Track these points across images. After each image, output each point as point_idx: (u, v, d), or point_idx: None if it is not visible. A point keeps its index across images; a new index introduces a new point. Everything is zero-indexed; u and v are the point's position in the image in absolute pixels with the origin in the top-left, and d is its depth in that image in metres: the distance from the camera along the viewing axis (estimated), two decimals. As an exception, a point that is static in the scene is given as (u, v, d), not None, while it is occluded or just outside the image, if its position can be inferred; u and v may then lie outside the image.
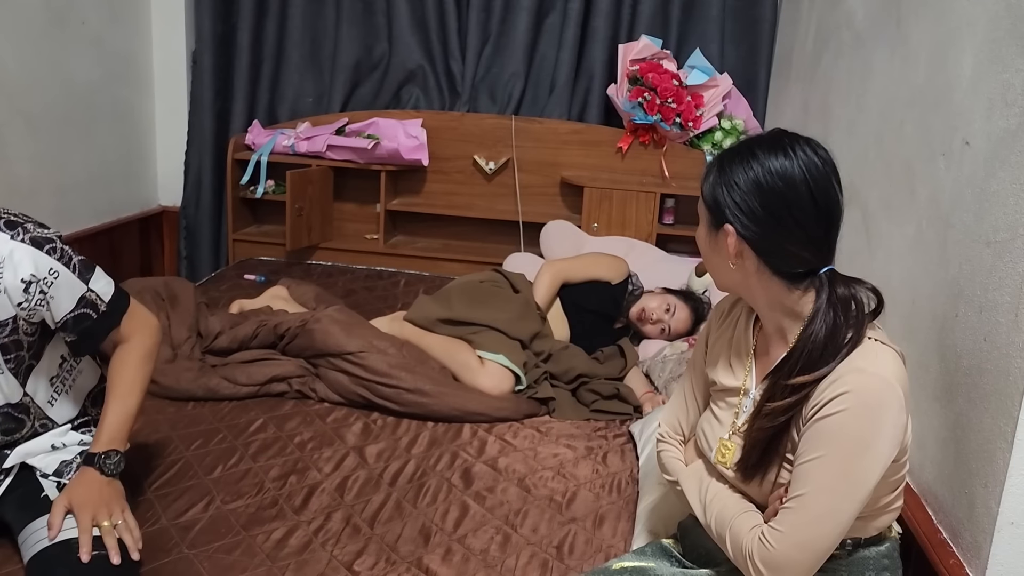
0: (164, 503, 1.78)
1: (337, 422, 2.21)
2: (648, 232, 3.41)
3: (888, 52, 1.98)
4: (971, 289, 1.41)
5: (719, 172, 1.22)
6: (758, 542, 1.17)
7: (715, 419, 1.36)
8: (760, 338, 1.33)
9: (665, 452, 1.45)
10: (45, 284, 1.41)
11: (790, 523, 1.15)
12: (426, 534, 1.74)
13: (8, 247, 1.37)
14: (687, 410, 1.45)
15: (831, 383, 1.14)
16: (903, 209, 1.77)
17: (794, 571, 1.15)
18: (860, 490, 1.13)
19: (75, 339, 1.52)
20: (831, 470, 1.13)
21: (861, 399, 1.12)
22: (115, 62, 3.41)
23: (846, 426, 1.12)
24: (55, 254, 1.43)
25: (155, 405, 2.20)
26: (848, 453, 1.13)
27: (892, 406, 1.13)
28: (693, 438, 1.44)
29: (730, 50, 3.52)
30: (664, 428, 1.47)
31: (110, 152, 3.44)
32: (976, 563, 1.33)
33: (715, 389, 1.39)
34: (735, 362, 1.35)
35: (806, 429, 1.17)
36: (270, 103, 3.74)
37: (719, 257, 1.26)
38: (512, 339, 2.47)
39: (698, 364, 1.44)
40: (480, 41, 3.59)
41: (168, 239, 3.83)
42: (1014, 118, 1.32)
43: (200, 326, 2.52)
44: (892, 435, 1.13)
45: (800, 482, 1.16)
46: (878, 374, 1.14)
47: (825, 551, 1.16)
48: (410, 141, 3.47)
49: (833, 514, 1.14)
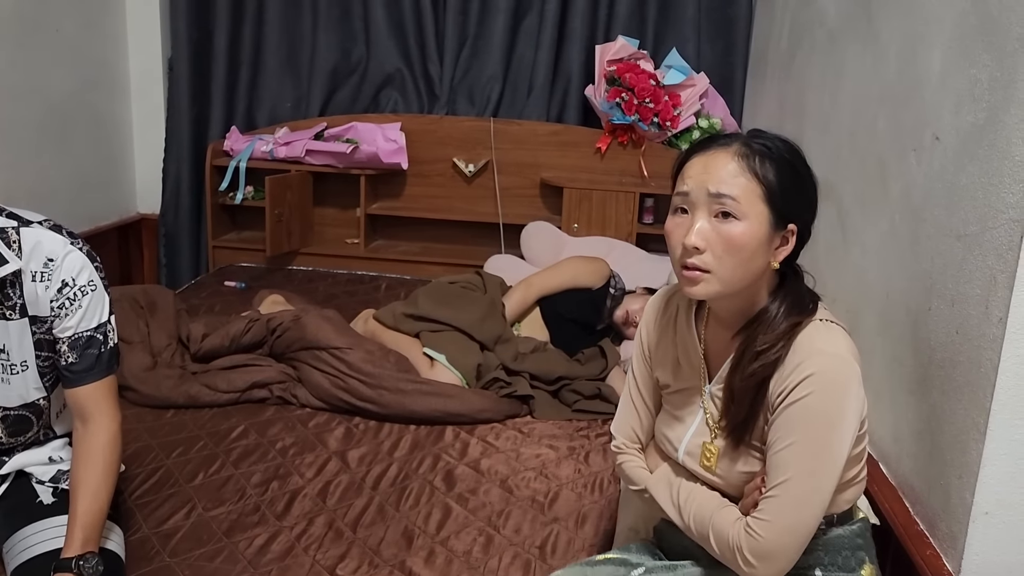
0: (145, 511, 1.77)
1: (319, 427, 2.20)
2: (628, 231, 3.43)
3: (860, 49, 2.01)
4: (943, 282, 1.43)
5: (785, 170, 1.19)
6: (745, 534, 1.19)
7: (675, 420, 1.36)
8: (709, 332, 1.33)
9: (627, 463, 1.43)
10: (81, 292, 1.44)
11: (775, 510, 1.17)
12: (409, 537, 1.74)
13: (66, 250, 1.43)
14: (639, 417, 1.43)
15: (795, 367, 1.17)
16: (877, 204, 1.79)
17: (784, 556, 1.18)
18: (835, 467, 1.17)
19: (75, 362, 1.46)
20: (808, 453, 1.16)
21: (826, 380, 1.16)
22: (91, 69, 3.39)
23: (815, 408, 1.16)
24: (100, 272, 1.49)
25: (135, 414, 2.19)
26: (821, 434, 1.16)
27: (853, 382, 1.18)
28: (651, 443, 1.43)
29: (706, 49, 3.54)
30: (620, 440, 1.45)
31: (87, 160, 3.42)
32: (952, 553, 1.34)
33: (668, 391, 1.38)
34: (684, 362, 1.35)
35: (776, 417, 1.19)
36: (248, 109, 3.72)
37: (762, 256, 1.20)
38: (474, 340, 2.48)
39: (641, 369, 1.42)
40: (458, 44, 3.60)
41: (147, 247, 3.81)
42: (981, 113, 1.34)
43: (181, 333, 2.51)
44: (856, 409, 1.18)
45: (779, 469, 1.18)
46: (837, 354, 1.18)
47: (809, 533, 1.19)
48: (389, 145, 3.47)
49: (815, 495, 1.17)
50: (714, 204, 1.18)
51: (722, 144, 1.21)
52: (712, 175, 1.18)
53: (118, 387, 1.54)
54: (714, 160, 1.19)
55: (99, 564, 1.40)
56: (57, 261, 1.42)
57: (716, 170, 1.18)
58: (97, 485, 1.44)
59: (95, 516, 1.43)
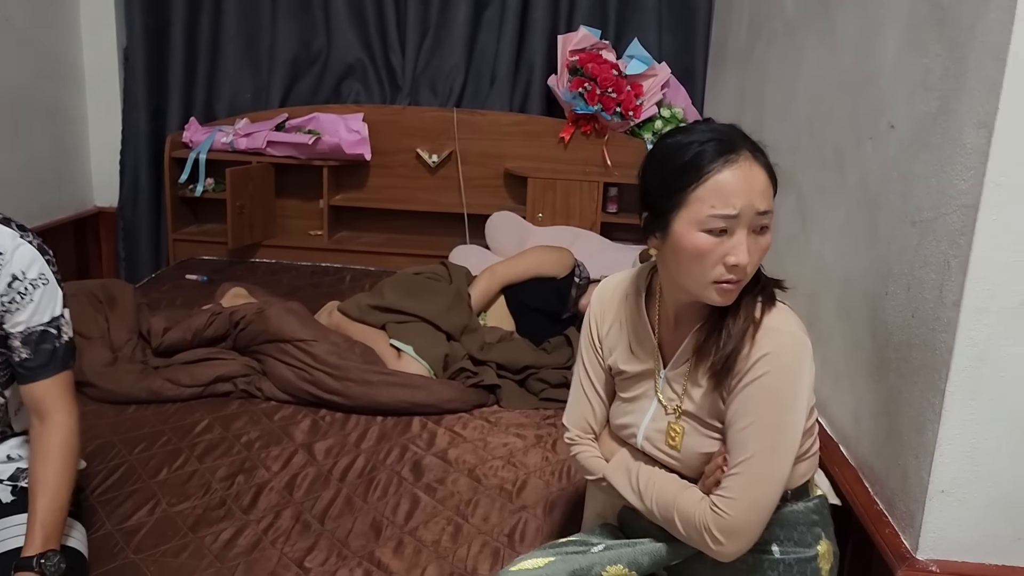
0: (108, 508, 1.74)
1: (285, 420, 2.19)
2: (593, 221, 3.45)
3: (817, 40, 2.04)
4: (899, 268, 1.46)
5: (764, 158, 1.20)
6: (711, 512, 1.21)
7: (631, 405, 1.38)
8: (661, 317, 1.34)
9: (582, 453, 1.43)
10: (32, 285, 1.41)
11: (740, 487, 1.20)
12: (377, 528, 1.74)
13: (15, 243, 1.41)
14: (592, 407, 1.43)
15: (750, 346, 1.20)
16: (835, 192, 1.82)
17: (750, 532, 1.21)
18: (794, 442, 1.22)
19: (29, 357, 1.43)
20: (768, 430, 1.20)
21: (782, 358, 1.20)
22: (43, 60, 3.31)
23: (773, 386, 1.19)
24: (52, 266, 1.46)
25: (96, 410, 2.16)
26: (779, 410, 1.20)
27: (806, 357, 1.22)
28: (604, 432, 1.45)
29: (668, 39, 3.57)
30: (573, 432, 1.45)
31: (41, 153, 3.34)
32: (910, 531, 1.38)
33: (622, 377, 1.39)
34: (636, 346, 1.37)
35: (734, 397, 1.22)
36: (207, 100, 3.67)
37: None
38: (440, 331, 2.48)
39: (592, 358, 1.42)
40: (419, 34, 3.58)
41: (105, 241, 3.74)
42: (934, 101, 1.37)
43: (142, 327, 2.47)
44: (808, 383, 1.23)
45: (741, 448, 1.21)
46: (790, 331, 1.22)
47: (772, 508, 1.22)
48: (352, 136, 3.45)
49: (777, 471, 1.21)
50: (758, 221, 1.18)
51: (745, 155, 1.17)
52: (755, 192, 1.16)
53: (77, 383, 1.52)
54: (753, 176, 1.16)
55: (61, 562, 1.38)
56: (7, 255, 1.39)
57: (757, 186, 1.17)
58: (56, 482, 1.42)
59: (55, 514, 1.41)
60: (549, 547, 1.36)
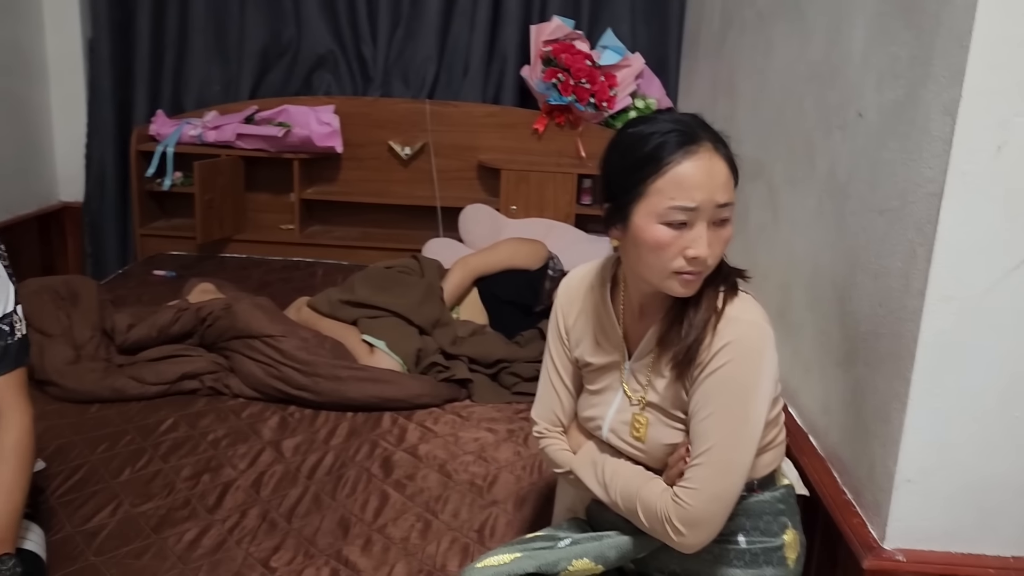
0: (68, 510, 1.71)
1: (252, 417, 2.16)
2: (567, 212, 3.43)
3: (787, 29, 2.02)
4: (867, 257, 1.46)
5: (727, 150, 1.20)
6: (673, 503, 1.20)
7: (597, 398, 1.36)
8: (626, 309, 1.33)
9: (550, 447, 1.42)
10: None
11: (702, 478, 1.19)
12: (345, 526, 1.72)
13: None
14: (560, 400, 1.42)
15: (712, 336, 1.19)
16: (805, 182, 1.81)
17: (712, 523, 1.20)
18: (755, 432, 1.20)
19: None
20: (730, 420, 1.19)
21: (742, 348, 1.19)
22: (4, 52, 3.24)
23: (734, 376, 1.18)
24: (4, 260, 1.42)
25: (57, 409, 2.11)
26: (741, 400, 1.19)
27: (768, 347, 1.21)
28: (572, 425, 1.44)
29: (641, 30, 3.55)
30: (542, 425, 1.44)
31: (3, 147, 3.26)
32: (877, 520, 1.37)
33: (589, 369, 1.38)
34: (602, 338, 1.35)
35: (697, 387, 1.21)
36: (174, 92, 3.61)
37: None
38: (412, 325, 2.45)
39: (559, 351, 1.41)
40: (391, 24, 3.54)
41: (71, 236, 3.67)
42: (901, 90, 1.36)
43: (105, 324, 2.43)
44: (771, 373, 1.22)
45: (703, 438, 1.20)
46: (751, 320, 1.21)
47: (734, 498, 1.21)
48: (323, 128, 3.40)
49: (738, 461, 1.20)
50: (719, 214, 1.16)
51: (706, 146, 1.16)
52: (716, 185, 1.15)
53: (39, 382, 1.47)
54: (713, 168, 1.15)
55: (17, 565, 1.35)
56: None
57: (718, 178, 1.15)
58: (11, 483, 1.38)
59: (10, 516, 1.37)
60: (516, 543, 1.35)
